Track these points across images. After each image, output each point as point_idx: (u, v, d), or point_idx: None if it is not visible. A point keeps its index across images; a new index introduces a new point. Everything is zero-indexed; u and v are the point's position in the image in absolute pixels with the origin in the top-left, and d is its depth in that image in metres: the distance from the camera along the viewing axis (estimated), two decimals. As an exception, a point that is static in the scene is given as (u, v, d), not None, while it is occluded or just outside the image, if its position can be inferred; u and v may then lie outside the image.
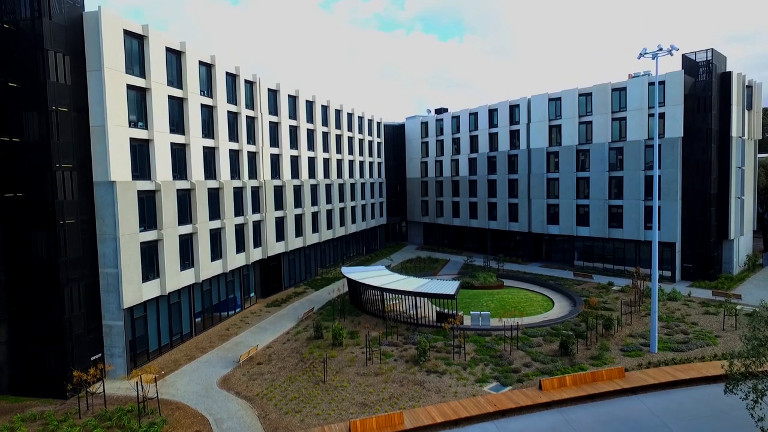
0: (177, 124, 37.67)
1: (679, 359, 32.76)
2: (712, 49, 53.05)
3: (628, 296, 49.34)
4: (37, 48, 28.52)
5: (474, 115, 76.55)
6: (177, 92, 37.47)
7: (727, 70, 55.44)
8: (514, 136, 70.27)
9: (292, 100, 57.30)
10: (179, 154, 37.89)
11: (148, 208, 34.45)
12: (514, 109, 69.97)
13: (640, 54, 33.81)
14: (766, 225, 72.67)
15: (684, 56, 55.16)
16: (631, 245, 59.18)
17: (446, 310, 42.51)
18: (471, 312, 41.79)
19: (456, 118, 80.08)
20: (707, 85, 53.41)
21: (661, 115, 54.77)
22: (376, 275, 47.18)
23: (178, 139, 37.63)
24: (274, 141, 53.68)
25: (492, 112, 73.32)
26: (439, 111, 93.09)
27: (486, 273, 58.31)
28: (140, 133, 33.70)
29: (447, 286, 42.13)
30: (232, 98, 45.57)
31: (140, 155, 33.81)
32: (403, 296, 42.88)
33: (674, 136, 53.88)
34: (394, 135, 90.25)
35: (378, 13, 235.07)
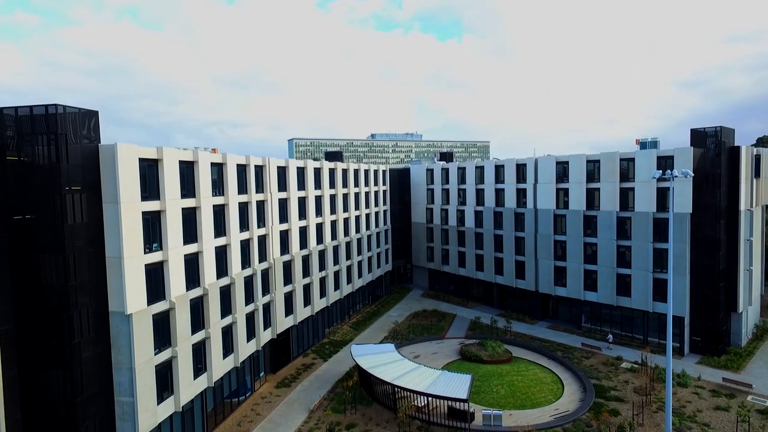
0: (191, 234, 37.69)
1: (693, 483, 32.79)
2: (721, 126, 53.15)
3: (637, 378, 49.42)
4: (54, 192, 28.58)
5: (480, 169, 76.59)
6: (190, 202, 37.52)
7: (736, 144, 55.52)
8: (521, 194, 70.30)
9: (301, 171, 57.37)
10: (193, 264, 37.93)
11: (162, 328, 34.49)
12: (521, 167, 70.01)
13: (652, 176, 33.84)
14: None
15: (693, 130, 55.24)
16: (640, 313, 59.19)
17: (458, 405, 42.52)
18: (483, 411, 41.85)
19: (462, 170, 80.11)
20: (716, 161, 53.46)
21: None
22: (386, 362, 47.15)
23: (192, 249, 37.68)
24: (284, 217, 53.73)
25: (499, 169, 73.36)
26: (443, 156, 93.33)
27: (494, 342, 58.19)
28: (155, 256, 33.74)
29: (458, 384, 42.09)
30: (243, 188, 45.63)
31: (155, 278, 33.84)
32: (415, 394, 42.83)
33: (683, 212, 53.91)
34: (399, 179, 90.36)
35: (376, 12, 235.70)
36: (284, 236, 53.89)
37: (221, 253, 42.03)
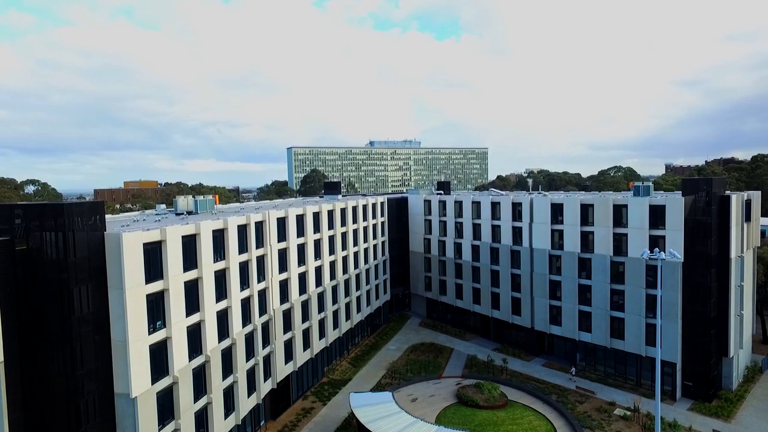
0: (193, 305, 38.69)
1: None
2: (711, 178, 54.25)
3: (630, 428, 50.52)
4: (62, 286, 29.55)
5: (477, 204, 77.65)
6: (192, 274, 38.52)
7: (726, 193, 56.59)
8: (517, 232, 71.36)
9: (300, 219, 58.32)
10: (195, 334, 38.94)
11: (166, 403, 35.49)
12: (516, 206, 71.07)
13: (641, 255, 34.90)
14: (764, 319, 73.57)
15: (684, 180, 56.41)
16: (633, 355, 60.25)
17: (453, 462, 43.59)
18: (478, 470, 42.89)
19: (459, 203, 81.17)
20: (706, 210, 54.51)
21: (662, 238, 55.92)
22: (383, 415, 48.07)
23: (194, 319, 38.70)
24: (283, 267, 54.69)
25: (495, 206, 74.41)
26: (441, 185, 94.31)
27: (490, 384, 59.08)
28: (159, 335, 34.75)
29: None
30: (243, 248, 46.58)
31: (159, 355, 34.83)
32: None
33: (675, 261, 54.97)
34: (397, 208, 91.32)
35: (373, 11, 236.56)
36: (284, 285, 54.86)
37: (222, 316, 43.01)
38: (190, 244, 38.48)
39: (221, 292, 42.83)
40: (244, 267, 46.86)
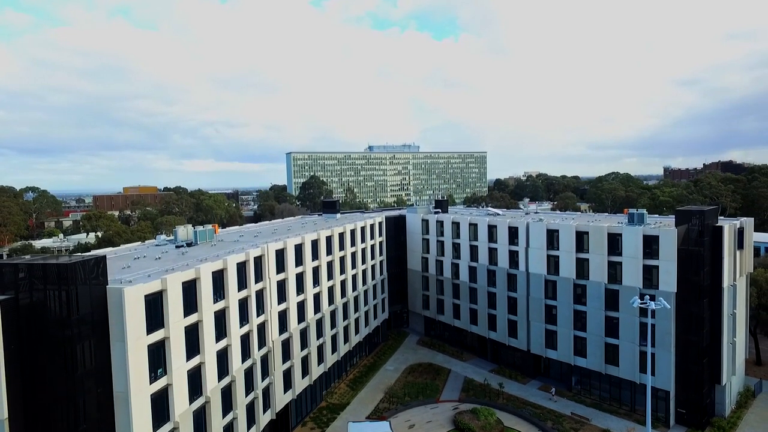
0: (193, 348, 39.39)
1: None
2: (704, 209, 54.99)
3: (623, 458, 51.37)
4: (66, 344, 30.24)
5: (474, 226, 78.37)
6: (193, 318, 39.23)
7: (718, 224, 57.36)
8: (514, 256, 72.11)
9: (299, 248, 59.02)
10: (195, 376, 39.63)
11: (167, 449, 36.20)
12: (513, 230, 71.81)
13: (631, 302, 35.68)
14: (757, 341, 74.36)
15: (677, 210, 57.14)
16: (628, 382, 60.99)
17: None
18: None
19: (456, 224, 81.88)
20: (699, 241, 55.27)
21: (655, 268, 56.72)
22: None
23: (195, 362, 39.41)
24: (282, 297, 55.39)
25: (492, 228, 75.15)
26: (438, 204, 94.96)
27: (487, 410, 59.90)
28: (161, 383, 35.47)
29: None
30: (242, 284, 47.29)
31: (161, 403, 35.54)
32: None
33: (668, 291, 55.72)
34: (395, 226, 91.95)
35: (371, 11, 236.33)
36: (283, 316, 55.56)
37: (222, 355, 43.70)
38: (190, 288, 39.18)
39: (221, 332, 43.53)
40: (243, 303, 47.57)
